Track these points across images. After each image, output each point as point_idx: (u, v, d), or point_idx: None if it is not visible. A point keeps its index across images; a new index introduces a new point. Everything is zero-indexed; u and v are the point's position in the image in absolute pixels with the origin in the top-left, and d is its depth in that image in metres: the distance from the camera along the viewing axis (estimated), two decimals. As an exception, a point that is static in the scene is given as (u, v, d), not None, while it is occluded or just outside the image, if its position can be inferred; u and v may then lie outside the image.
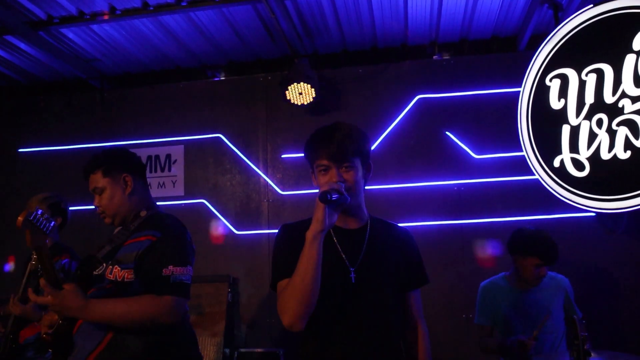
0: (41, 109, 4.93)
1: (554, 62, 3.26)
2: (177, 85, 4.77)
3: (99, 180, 2.30)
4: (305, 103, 4.20)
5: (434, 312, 3.98)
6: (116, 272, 2.15)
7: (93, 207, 2.35)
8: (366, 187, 1.94)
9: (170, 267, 2.10)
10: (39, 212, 1.98)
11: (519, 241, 3.09)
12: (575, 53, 3.15)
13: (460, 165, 4.19)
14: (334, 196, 1.68)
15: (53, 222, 2.04)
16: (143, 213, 2.31)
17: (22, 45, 4.23)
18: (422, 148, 4.27)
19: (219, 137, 4.60)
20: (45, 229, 2.00)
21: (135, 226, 2.26)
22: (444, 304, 4.02)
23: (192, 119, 4.67)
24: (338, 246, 1.88)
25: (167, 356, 2.17)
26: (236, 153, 4.55)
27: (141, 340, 2.10)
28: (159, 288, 2.09)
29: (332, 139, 1.83)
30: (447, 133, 4.23)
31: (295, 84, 4.09)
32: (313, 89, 4.12)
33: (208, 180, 4.59)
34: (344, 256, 1.86)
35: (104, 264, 2.20)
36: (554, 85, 3.25)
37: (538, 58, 3.33)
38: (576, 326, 2.16)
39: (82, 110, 4.87)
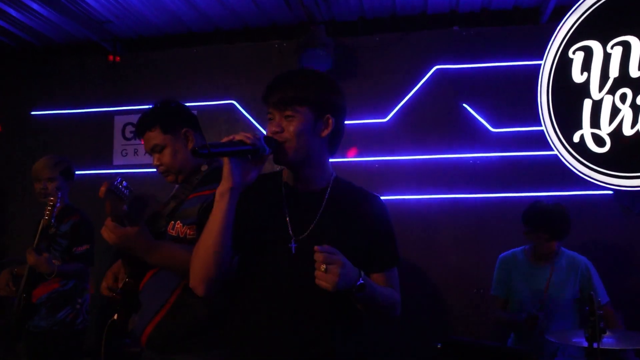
0: (53, 72, 4.88)
1: (578, 34, 3.14)
2: (190, 49, 4.70)
3: (157, 137, 2.20)
4: (321, 71, 4.12)
5: (446, 286, 3.96)
6: (178, 228, 2.08)
7: (117, 171, 2.25)
8: (383, 158, 1.85)
9: None
10: (119, 180, 1.93)
11: (531, 214, 3.12)
12: (601, 25, 3.02)
13: (476, 138, 4.11)
14: (216, 150, 1.43)
15: (128, 190, 1.97)
16: (204, 167, 2.24)
17: (34, 5, 4.15)
18: (438, 120, 4.19)
19: (232, 103, 4.54)
20: (123, 197, 1.94)
21: (197, 180, 2.19)
22: (455, 278, 3.99)
23: (205, 85, 4.61)
24: (286, 210, 1.64)
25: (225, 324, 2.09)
26: (249, 120, 4.50)
27: (206, 306, 2.02)
28: None
29: (279, 84, 1.62)
30: (464, 105, 4.15)
31: (310, 50, 4.01)
32: (329, 57, 4.05)
33: (220, 147, 4.55)
34: (288, 222, 1.62)
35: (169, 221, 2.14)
36: (577, 58, 3.14)
37: (562, 29, 3.21)
38: (593, 303, 2.16)
39: (94, 73, 4.83)
